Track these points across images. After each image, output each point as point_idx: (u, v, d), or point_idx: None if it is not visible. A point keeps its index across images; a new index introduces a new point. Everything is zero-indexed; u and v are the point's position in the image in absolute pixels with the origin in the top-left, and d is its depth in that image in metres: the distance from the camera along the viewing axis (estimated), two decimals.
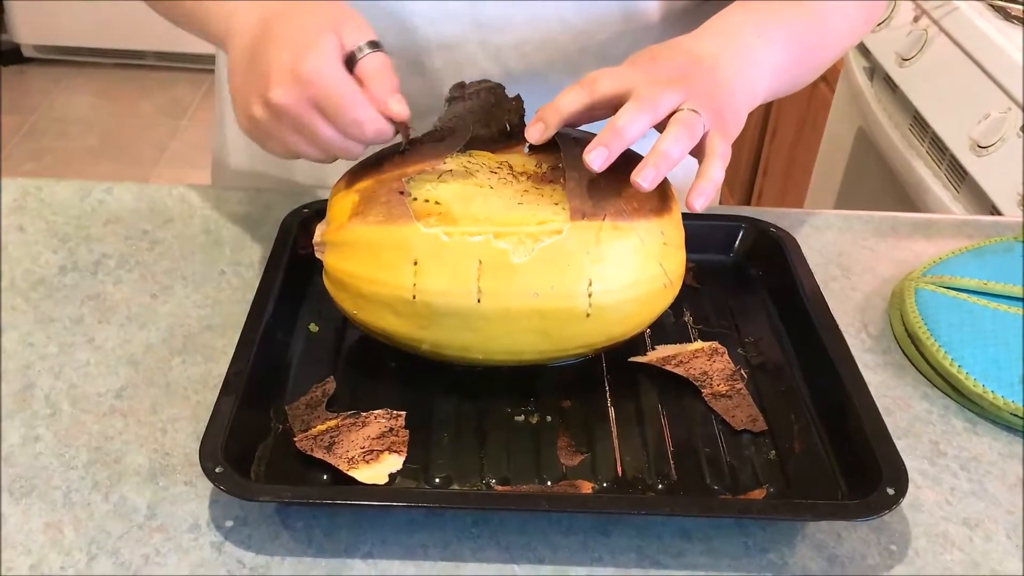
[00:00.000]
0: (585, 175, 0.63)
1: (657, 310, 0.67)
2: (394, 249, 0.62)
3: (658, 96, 0.61)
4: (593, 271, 0.61)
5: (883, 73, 1.54)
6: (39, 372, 0.69)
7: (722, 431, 0.65)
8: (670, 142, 0.60)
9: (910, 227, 0.91)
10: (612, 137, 0.60)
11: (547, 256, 0.61)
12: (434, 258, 0.61)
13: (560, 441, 0.64)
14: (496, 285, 0.61)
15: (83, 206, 0.87)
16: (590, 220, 0.62)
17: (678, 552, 0.59)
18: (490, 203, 0.64)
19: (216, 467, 0.57)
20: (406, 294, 0.62)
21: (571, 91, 0.64)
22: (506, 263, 0.61)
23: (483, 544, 0.59)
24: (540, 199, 0.64)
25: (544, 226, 0.62)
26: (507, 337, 0.64)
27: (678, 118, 0.61)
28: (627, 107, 0.61)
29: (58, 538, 0.58)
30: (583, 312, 0.62)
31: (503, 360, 0.66)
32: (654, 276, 0.64)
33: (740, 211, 0.85)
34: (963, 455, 0.66)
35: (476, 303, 0.61)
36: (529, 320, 0.62)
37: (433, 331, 0.64)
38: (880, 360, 0.74)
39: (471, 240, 0.61)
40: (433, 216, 0.63)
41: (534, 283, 0.61)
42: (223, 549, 0.58)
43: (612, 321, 0.64)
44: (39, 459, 0.63)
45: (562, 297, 0.62)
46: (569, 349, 0.66)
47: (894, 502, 0.57)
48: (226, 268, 0.80)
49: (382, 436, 0.62)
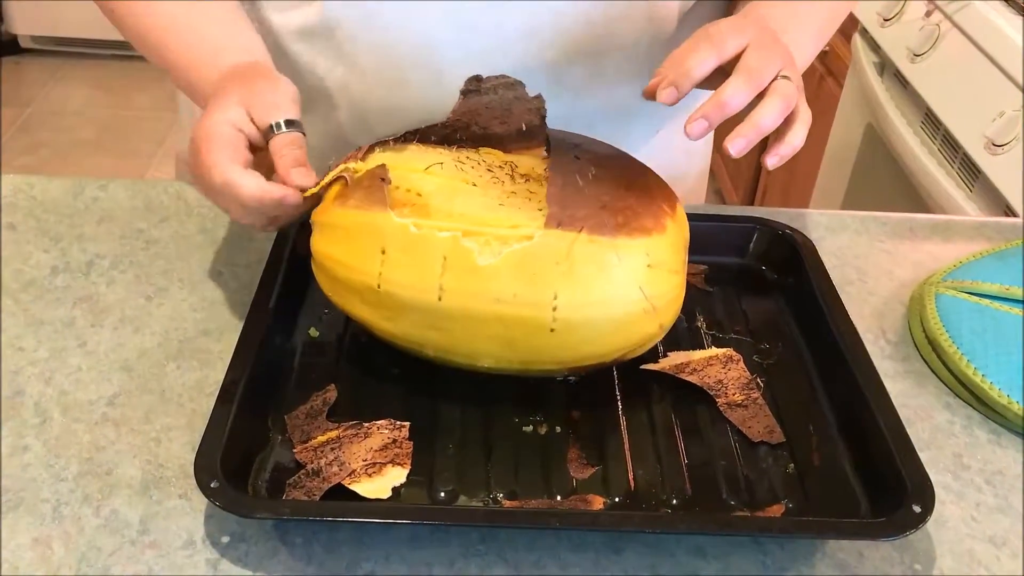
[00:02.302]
0: (570, 182, 0.60)
1: (637, 336, 0.62)
2: (366, 235, 0.61)
3: (764, 69, 0.60)
4: (560, 283, 0.58)
5: (894, 69, 1.52)
6: (29, 378, 0.67)
7: (738, 443, 0.63)
8: (769, 113, 0.60)
9: (928, 228, 0.88)
10: (715, 110, 0.59)
11: (514, 262, 0.58)
12: (401, 249, 0.60)
13: (570, 453, 0.62)
14: (458, 284, 0.59)
15: (76, 204, 0.84)
16: (565, 229, 0.58)
17: (693, 571, 0.56)
18: (472, 201, 0.62)
19: (212, 481, 0.54)
20: (372, 282, 0.61)
21: (697, 52, 0.61)
22: (470, 263, 0.59)
23: (490, 561, 0.56)
24: (526, 203, 0.62)
25: (516, 230, 0.60)
26: (470, 341, 0.61)
27: (776, 88, 0.61)
28: (734, 81, 0.60)
29: (47, 554, 0.55)
30: (547, 325, 0.59)
31: (469, 365, 0.63)
32: (632, 299, 0.60)
33: (753, 212, 0.83)
34: (988, 468, 0.64)
35: (437, 300, 0.59)
36: (491, 326, 0.60)
37: (398, 324, 0.62)
38: (900, 368, 0.72)
39: (439, 235, 0.59)
40: (408, 207, 0.61)
41: (497, 288, 0.59)
42: (219, 567, 0.55)
43: (580, 340, 0.60)
44: (27, 470, 0.60)
45: (525, 306, 0.59)
46: (536, 363, 0.62)
47: (921, 520, 0.54)
48: (223, 269, 0.78)
49: (385, 448, 0.60)
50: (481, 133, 0.68)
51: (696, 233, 0.67)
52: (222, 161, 0.63)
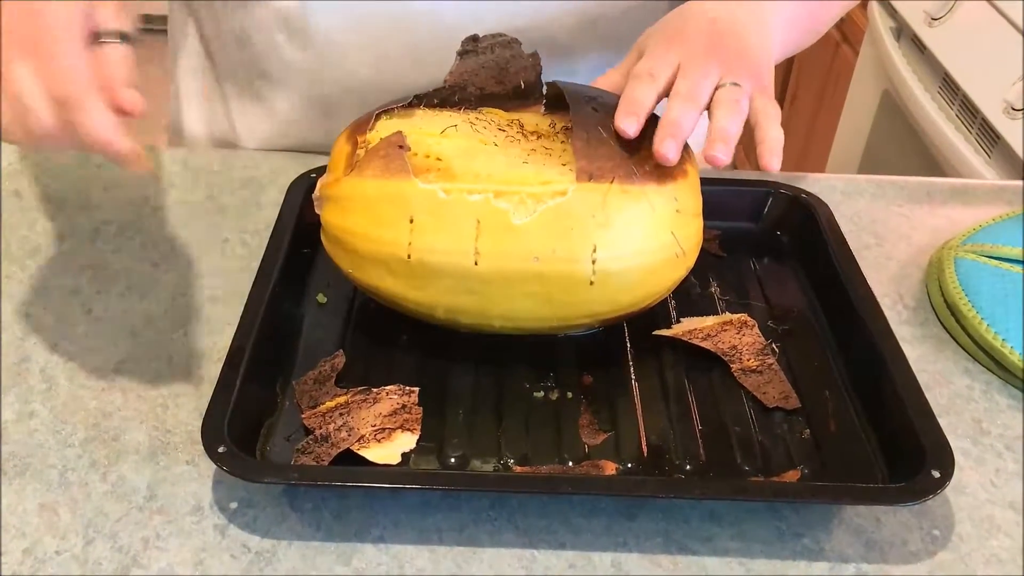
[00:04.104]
0: (595, 135, 0.59)
1: (669, 281, 0.63)
2: (390, 205, 0.59)
3: (698, 88, 0.61)
4: (598, 236, 0.58)
5: (911, 33, 1.49)
6: (35, 344, 0.66)
7: (752, 409, 0.62)
8: (724, 121, 0.59)
9: (946, 193, 0.87)
10: (670, 128, 0.59)
11: (550, 218, 0.57)
12: (431, 216, 0.58)
13: (582, 419, 0.61)
14: (495, 246, 0.58)
15: (82, 171, 0.83)
16: (597, 182, 0.58)
17: (707, 536, 0.55)
18: (494, 161, 0.60)
19: (220, 447, 0.54)
20: (401, 252, 0.59)
21: (640, 87, 0.61)
22: (506, 224, 0.57)
23: (501, 527, 0.56)
24: (548, 159, 0.61)
25: (548, 186, 0.59)
26: (506, 302, 0.60)
27: (721, 97, 0.60)
28: (674, 104, 0.60)
29: (53, 520, 0.55)
30: (587, 279, 0.59)
31: (503, 327, 0.63)
32: (665, 244, 0.60)
33: (768, 176, 0.81)
34: (1008, 434, 0.63)
35: (473, 264, 0.58)
36: (529, 285, 0.59)
37: (429, 292, 0.60)
38: (918, 333, 0.70)
39: (470, 198, 0.58)
40: (432, 172, 0.60)
41: (535, 246, 0.58)
42: (227, 532, 0.55)
43: (618, 290, 0.60)
44: (34, 436, 0.60)
45: (564, 262, 0.58)
46: (572, 318, 0.62)
47: (940, 486, 0.53)
48: (230, 235, 0.77)
49: (394, 413, 0.59)
50: (478, 94, 0.67)
51: (710, 198, 0.66)
52: (76, 22, 0.53)
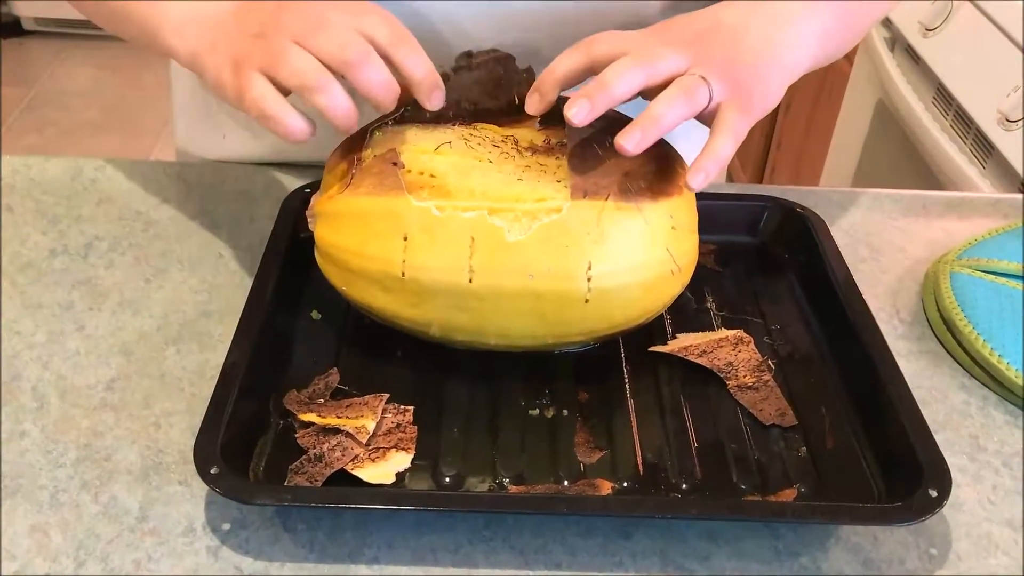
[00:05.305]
0: (590, 152, 0.59)
1: (664, 298, 0.63)
2: (384, 222, 0.59)
3: (656, 54, 0.57)
4: (593, 253, 0.58)
5: (905, 43, 1.49)
6: (26, 362, 0.66)
7: (749, 426, 0.62)
8: (664, 106, 0.56)
9: (942, 205, 0.86)
10: (597, 90, 0.56)
11: (545, 235, 0.57)
12: (425, 233, 0.58)
13: (577, 437, 0.60)
14: (489, 264, 0.58)
15: (74, 185, 0.83)
16: (592, 199, 0.58)
17: (704, 555, 0.55)
18: (488, 177, 0.60)
19: (212, 467, 0.53)
20: (395, 270, 0.59)
21: (567, 53, 0.60)
22: (500, 241, 0.57)
23: (496, 547, 0.55)
24: (542, 175, 0.60)
25: (543, 203, 0.58)
26: (500, 319, 0.60)
27: (678, 81, 0.57)
28: (620, 60, 0.57)
29: (44, 542, 0.54)
30: (582, 296, 0.58)
31: (497, 344, 0.63)
32: (660, 261, 0.60)
33: (763, 190, 0.81)
34: (1005, 450, 0.62)
35: (468, 282, 0.58)
36: (524, 302, 0.59)
37: (424, 310, 0.60)
38: (914, 348, 0.70)
39: (464, 216, 0.58)
40: (426, 189, 0.59)
41: (530, 263, 0.58)
42: (219, 554, 0.54)
43: (614, 307, 0.60)
44: (25, 456, 0.59)
45: (559, 279, 0.58)
46: (567, 335, 0.62)
47: (937, 505, 0.53)
48: (224, 251, 0.76)
49: (389, 432, 0.59)
50: (472, 109, 0.67)
51: (706, 211, 0.66)
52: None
